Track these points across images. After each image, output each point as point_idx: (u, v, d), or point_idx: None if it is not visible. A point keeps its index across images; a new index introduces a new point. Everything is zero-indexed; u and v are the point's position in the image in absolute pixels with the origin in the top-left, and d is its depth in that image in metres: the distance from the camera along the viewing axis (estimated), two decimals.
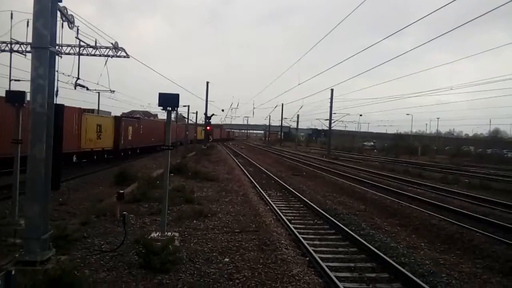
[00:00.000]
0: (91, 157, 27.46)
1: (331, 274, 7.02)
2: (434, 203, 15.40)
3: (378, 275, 7.52)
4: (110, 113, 33.67)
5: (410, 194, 17.57)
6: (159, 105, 8.32)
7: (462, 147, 78.14)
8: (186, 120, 55.09)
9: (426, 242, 10.28)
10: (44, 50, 6.23)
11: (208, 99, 42.31)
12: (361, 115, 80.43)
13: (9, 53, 22.09)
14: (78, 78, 19.19)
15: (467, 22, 13.11)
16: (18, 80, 27.15)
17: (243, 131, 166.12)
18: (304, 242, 9.13)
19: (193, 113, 65.93)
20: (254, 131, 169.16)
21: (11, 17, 21.69)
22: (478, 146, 79.84)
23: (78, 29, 16.82)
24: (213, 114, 43.82)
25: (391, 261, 7.93)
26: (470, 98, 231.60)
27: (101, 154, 29.17)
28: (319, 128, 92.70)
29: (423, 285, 6.70)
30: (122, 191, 11.01)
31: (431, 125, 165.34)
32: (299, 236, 9.67)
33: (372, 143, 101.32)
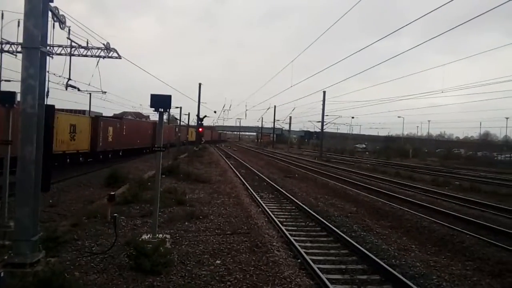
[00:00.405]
0: (63, 160, 24.67)
1: (323, 276, 7.04)
2: (425, 205, 15.52)
3: (369, 277, 7.55)
4: (101, 113, 33.40)
5: (401, 196, 17.67)
6: (151, 107, 8.33)
7: (452, 149, 78.92)
8: (178, 121, 54.98)
9: (417, 244, 10.34)
10: (35, 50, 6.18)
11: (200, 101, 42.32)
12: (353, 118, 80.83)
13: None
14: (69, 79, 19.13)
15: (462, 24, 13.25)
16: (9, 81, 27.02)
17: (235, 133, 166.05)
18: (296, 244, 9.13)
19: (185, 114, 65.94)
20: (247, 133, 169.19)
21: (2, 17, 21.63)
22: (468, 149, 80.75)
23: (69, 30, 16.76)
24: (205, 116, 43.99)
25: (382, 263, 7.98)
26: (461, 101, 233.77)
27: (75, 157, 26.65)
28: (312, 130, 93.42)
29: (414, 287, 6.74)
30: (113, 193, 10.94)
31: (422, 128, 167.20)
32: (291, 238, 9.68)
33: (364, 145, 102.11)
